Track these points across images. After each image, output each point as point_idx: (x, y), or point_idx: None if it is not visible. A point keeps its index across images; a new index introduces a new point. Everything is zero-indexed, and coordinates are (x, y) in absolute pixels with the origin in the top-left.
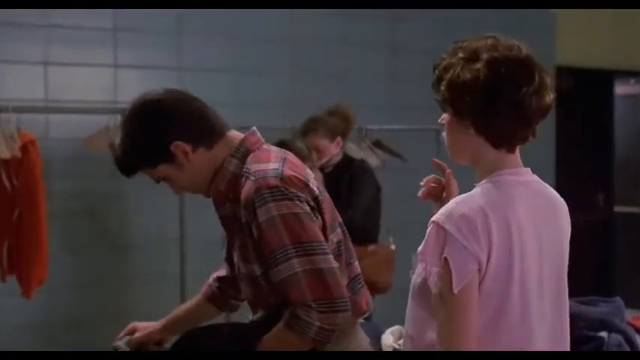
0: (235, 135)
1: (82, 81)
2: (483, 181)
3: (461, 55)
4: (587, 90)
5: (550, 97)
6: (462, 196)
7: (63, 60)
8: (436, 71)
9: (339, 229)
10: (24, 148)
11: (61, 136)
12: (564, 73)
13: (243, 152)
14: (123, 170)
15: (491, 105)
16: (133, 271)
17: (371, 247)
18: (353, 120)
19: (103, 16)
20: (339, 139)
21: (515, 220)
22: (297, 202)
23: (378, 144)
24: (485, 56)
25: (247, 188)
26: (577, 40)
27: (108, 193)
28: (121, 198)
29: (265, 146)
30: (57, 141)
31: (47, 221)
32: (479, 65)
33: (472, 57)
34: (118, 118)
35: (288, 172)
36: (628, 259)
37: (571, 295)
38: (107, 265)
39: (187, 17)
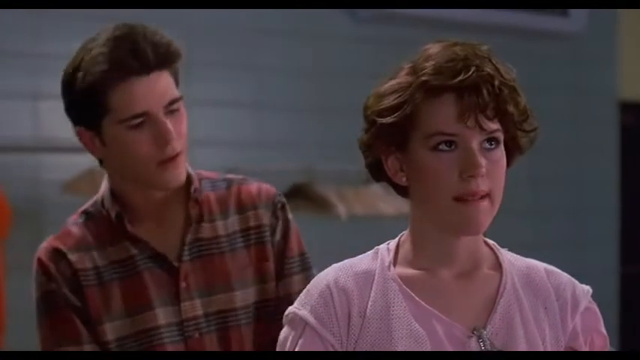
0: None
1: None
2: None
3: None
4: None
5: None
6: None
7: (55, 92)
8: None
9: None
10: None
11: (55, 179)
12: (629, 108)
13: None
14: None
15: None
16: None
17: None
18: None
19: None
20: None
21: None
22: None
23: None
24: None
25: (258, 188)
26: None
27: None
28: None
29: None
30: (49, 184)
31: (6, 279)
32: None
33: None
34: None
35: None
36: None
37: None
38: None
39: (197, 45)
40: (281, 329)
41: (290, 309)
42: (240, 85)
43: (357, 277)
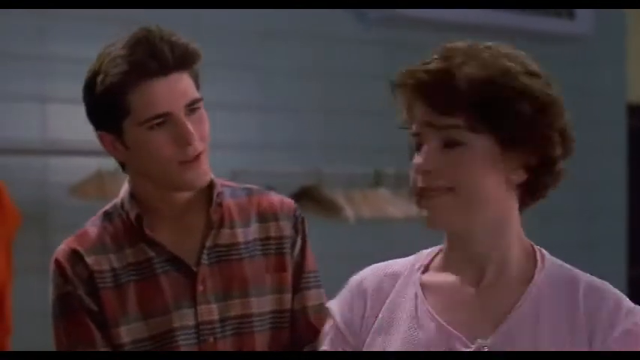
0: None
1: (86, 119)
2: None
3: (521, 64)
4: None
5: None
6: (610, 287)
7: (63, 95)
8: (483, 73)
9: None
10: None
11: (62, 182)
12: (637, 111)
13: None
14: None
15: (566, 139)
16: None
17: None
18: None
19: None
20: None
21: None
22: None
23: None
24: (537, 70)
25: (280, 200)
26: None
27: None
28: None
29: None
30: (56, 187)
31: (15, 283)
32: (540, 80)
33: (527, 70)
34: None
35: None
36: None
37: None
38: None
39: (205, 47)
40: (294, 340)
41: (329, 302)
42: (245, 87)
43: (384, 278)
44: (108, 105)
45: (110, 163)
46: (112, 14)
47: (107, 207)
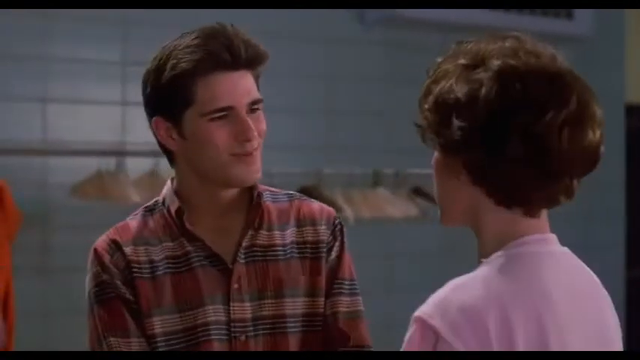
0: None
1: (86, 120)
2: (493, 256)
3: (462, 60)
4: None
5: (596, 134)
6: (463, 277)
7: (63, 96)
8: (426, 83)
9: None
10: None
11: (62, 182)
12: (635, 111)
13: None
14: None
15: (495, 138)
16: None
17: None
18: None
19: (110, 48)
20: None
21: (552, 316)
22: None
23: (417, 191)
24: (495, 63)
25: (320, 206)
26: None
27: None
28: None
29: None
30: (57, 187)
31: (16, 280)
32: (482, 75)
33: (475, 63)
34: (124, 161)
35: None
36: None
37: None
38: None
39: None
40: (326, 344)
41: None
42: None
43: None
44: (173, 92)
45: (110, 164)
46: (112, 15)
47: (148, 203)
